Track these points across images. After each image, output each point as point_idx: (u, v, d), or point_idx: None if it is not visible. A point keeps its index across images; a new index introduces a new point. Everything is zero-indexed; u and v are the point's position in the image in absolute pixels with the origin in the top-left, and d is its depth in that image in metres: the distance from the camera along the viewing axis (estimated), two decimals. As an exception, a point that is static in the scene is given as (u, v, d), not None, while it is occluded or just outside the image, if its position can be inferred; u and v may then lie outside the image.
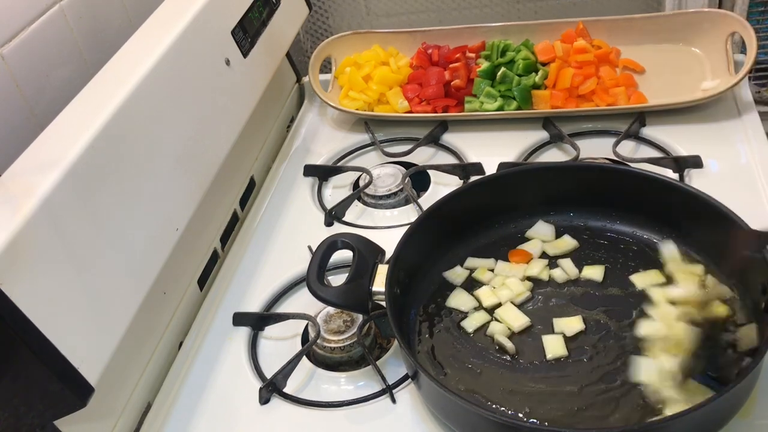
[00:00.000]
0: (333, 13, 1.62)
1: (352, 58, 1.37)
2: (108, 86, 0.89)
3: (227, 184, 1.16)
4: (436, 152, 1.25)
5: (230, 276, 1.07)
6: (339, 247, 0.92)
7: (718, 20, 1.23)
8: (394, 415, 0.85)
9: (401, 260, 0.89)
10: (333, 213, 1.13)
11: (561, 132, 1.18)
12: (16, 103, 0.92)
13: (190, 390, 0.92)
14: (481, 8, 1.55)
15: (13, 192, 0.74)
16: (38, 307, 0.69)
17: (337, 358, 0.93)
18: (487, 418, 0.74)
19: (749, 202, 1.00)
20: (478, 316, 0.90)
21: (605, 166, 1.03)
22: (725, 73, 1.20)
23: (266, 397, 0.88)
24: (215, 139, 1.04)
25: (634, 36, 1.30)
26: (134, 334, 0.86)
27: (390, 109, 1.30)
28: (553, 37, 1.30)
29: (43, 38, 0.97)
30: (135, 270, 0.84)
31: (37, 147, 0.80)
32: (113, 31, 1.12)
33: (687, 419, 0.69)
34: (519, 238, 0.99)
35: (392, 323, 0.82)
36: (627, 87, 1.22)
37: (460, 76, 1.27)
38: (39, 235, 0.71)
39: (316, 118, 1.38)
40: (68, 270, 0.74)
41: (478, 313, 0.90)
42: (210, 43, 1.06)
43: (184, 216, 0.95)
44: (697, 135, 1.15)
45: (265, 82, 1.21)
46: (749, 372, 0.71)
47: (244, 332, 0.98)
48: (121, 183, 0.84)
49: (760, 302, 0.81)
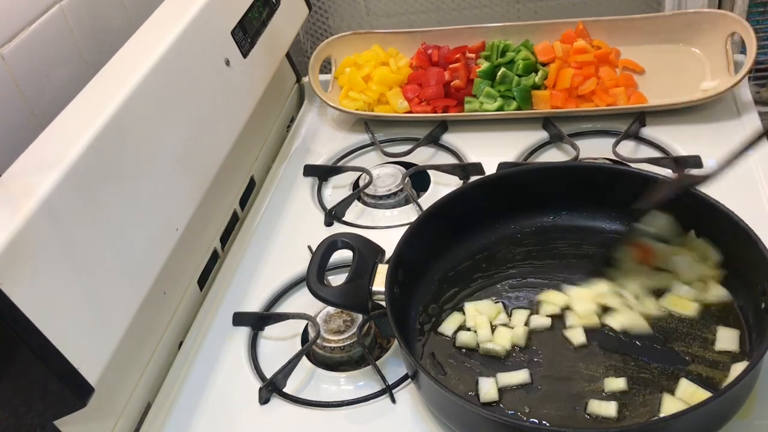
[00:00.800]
0: (333, 14, 1.62)
1: (352, 59, 1.37)
2: (108, 86, 0.89)
3: (227, 184, 1.16)
4: (436, 152, 1.25)
5: (230, 276, 1.07)
6: (339, 247, 0.92)
7: (718, 20, 1.23)
8: (394, 415, 0.85)
9: (401, 260, 0.89)
10: (333, 213, 1.13)
11: (561, 132, 1.18)
12: (16, 103, 0.92)
13: (190, 390, 0.92)
14: (481, 8, 1.55)
15: (13, 192, 0.74)
16: (38, 307, 0.69)
17: (337, 358, 0.93)
18: (487, 418, 0.74)
19: (749, 203, 1.00)
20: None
21: (605, 166, 1.03)
22: (725, 74, 1.20)
23: (266, 397, 0.88)
24: (215, 139, 1.04)
25: (634, 36, 1.30)
26: (134, 334, 0.86)
27: (390, 110, 1.30)
28: (553, 37, 1.30)
29: (43, 38, 0.97)
30: (135, 270, 0.84)
31: (37, 147, 0.80)
32: (113, 31, 1.12)
33: (686, 419, 0.69)
34: (519, 237, 0.99)
35: (392, 323, 0.82)
36: (627, 87, 1.22)
37: (460, 77, 1.27)
38: (39, 236, 0.71)
39: (316, 119, 1.38)
40: (68, 270, 0.74)
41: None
42: (210, 43, 1.06)
43: (184, 216, 0.95)
44: (696, 135, 1.15)
45: (265, 82, 1.21)
46: (748, 372, 0.71)
47: (244, 332, 0.98)
48: (121, 183, 0.84)
49: (760, 302, 0.81)
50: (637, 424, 0.75)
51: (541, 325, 0.87)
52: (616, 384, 0.79)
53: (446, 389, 0.75)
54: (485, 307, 0.90)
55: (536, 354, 0.85)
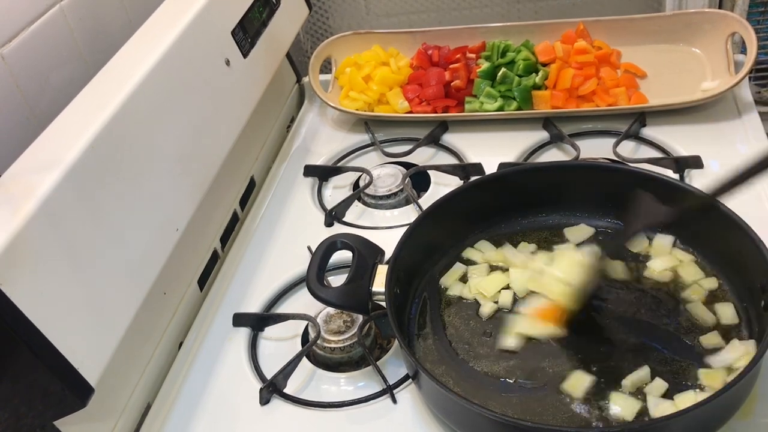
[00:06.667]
0: (333, 14, 1.62)
1: (352, 59, 1.37)
2: (108, 86, 0.89)
3: (227, 184, 1.16)
4: (436, 152, 1.25)
5: (230, 276, 1.07)
6: (339, 247, 0.92)
7: (718, 20, 1.23)
8: (394, 415, 0.85)
9: (401, 260, 0.89)
10: (333, 213, 1.13)
11: (561, 132, 1.18)
12: (16, 103, 0.92)
13: (190, 390, 0.92)
14: (481, 8, 1.55)
15: (13, 192, 0.74)
16: (38, 308, 0.69)
17: (337, 359, 0.93)
18: (488, 418, 0.74)
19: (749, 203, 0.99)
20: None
21: (606, 166, 1.03)
22: (725, 74, 1.20)
23: (266, 397, 0.88)
24: (215, 139, 1.04)
25: (634, 36, 1.30)
26: (134, 334, 0.86)
27: (390, 110, 1.30)
28: (554, 37, 1.30)
29: (43, 38, 0.97)
30: (135, 270, 0.84)
31: (37, 147, 0.80)
32: (113, 31, 1.12)
33: (686, 419, 0.69)
34: (519, 238, 0.99)
35: (392, 323, 0.82)
36: (628, 87, 1.22)
37: (461, 77, 1.27)
38: (39, 236, 0.71)
39: (316, 119, 1.38)
40: (68, 270, 0.74)
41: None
42: (210, 43, 1.06)
43: (184, 216, 0.95)
44: (697, 135, 1.15)
45: (265, 82, 1.21)
46: (748, 372, 0.71)
47: (244, 333, 0.98)
48: (121, 183, 0.84)
49: (760, 302, 0.81)
50: (638, 424, 0.75)
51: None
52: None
53: (447, 389, 0.75)
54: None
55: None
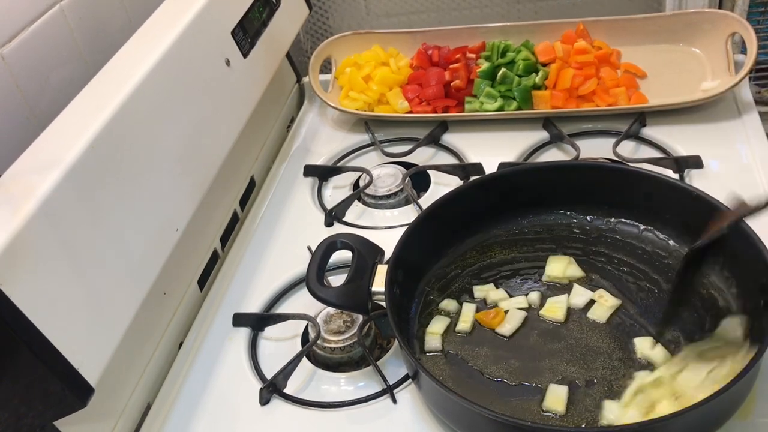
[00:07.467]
0: (333, 14, 1.62)
1: (352, 59, 1.37)
2: (108, 86, 0.89)
3: (227, 184, 1.16)
4: (436, 152, 1.25)
5: (230, 276, 1.07)
6: (338, 247, 0.92)
7: (718, 20, 1.23)
8: (394, 415, 0.85)
9: (401, 260, 0.89)
10: (333, 213, 1.13)
11: (561, 132, 1.18)
12: (16, 103, 0.92)
13: (190, 390, 0.92)
14: (481, 8, 1.55)
15: (13, 192, 0.74)
16: (38, 308, 0.69)
17: (337, 359, 0.93)
18: (488, 418, 0.74)
19: (749, 203, 0.99)
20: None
21: (605, 166, 1.03)
22: (725, 74, 1.20)
23: (267, 397, 0.88)
24: (215, 139, 1.04)
25: (634, 36, 1.30)
26: (134, 334, 0.86)
27: (390, 110, 1.30)
28: (553, 37, 1.30)
29: (43, 38, 0.97)
30: (135, 270, 0.84)
31: (37, 147, 0.80)
32: (113, 31, 1.12)
33: (686, 418, 0.69)
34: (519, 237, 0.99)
35: (392, 323, 0.82)
36: (628, 87, 1.22)
37: (461, 77, 1.27)
38: (39, 236, 0.71)
39: (316, 119, 1.38)
40: (68, 270, 0.74)
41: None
42: (210, 43, 1.06)
43: (184, 216, 0.95)
44: (697, 135, 1.15)
45: (265, 82, 1.21)
46: (747, 372, 0.71)
47: (244, 333, 0.98)
48: (121, 183, 0.84)
49: (760, 301, 0.81)
50: (638, 424, 0.75)
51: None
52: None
53: (447, 389, 0.75)
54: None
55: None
